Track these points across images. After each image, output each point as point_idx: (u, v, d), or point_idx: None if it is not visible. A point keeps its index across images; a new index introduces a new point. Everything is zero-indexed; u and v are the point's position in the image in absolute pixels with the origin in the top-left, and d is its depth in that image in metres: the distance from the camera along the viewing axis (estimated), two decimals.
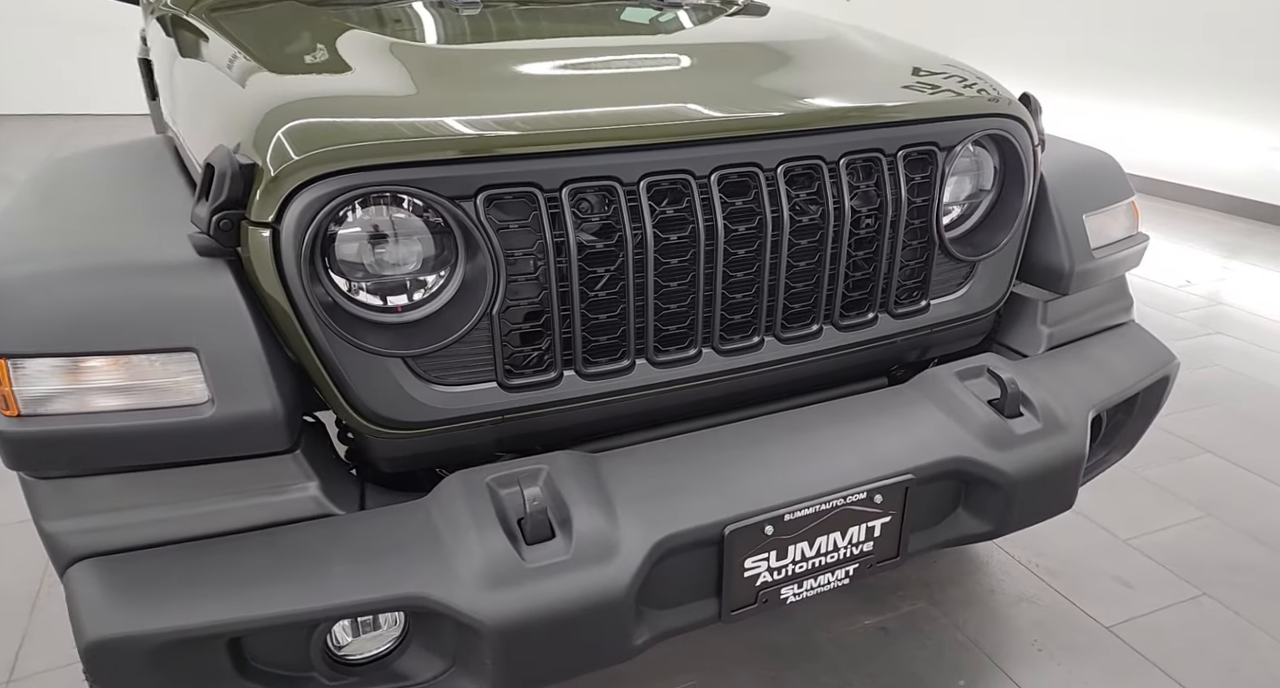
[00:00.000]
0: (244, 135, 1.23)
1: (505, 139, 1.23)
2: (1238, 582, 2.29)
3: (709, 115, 1.34)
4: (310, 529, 1.19)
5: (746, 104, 1.39)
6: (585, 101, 1.33)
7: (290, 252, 1.15)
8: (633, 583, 1.18)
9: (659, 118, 1.32)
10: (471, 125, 1.23)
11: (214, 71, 1.54)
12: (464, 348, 1.30)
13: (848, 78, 1.55)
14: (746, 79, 1.50)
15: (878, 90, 1.50)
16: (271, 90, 1.33)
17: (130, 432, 1.12)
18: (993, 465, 1.40)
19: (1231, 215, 5.53)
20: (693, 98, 1.39)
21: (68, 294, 1.11)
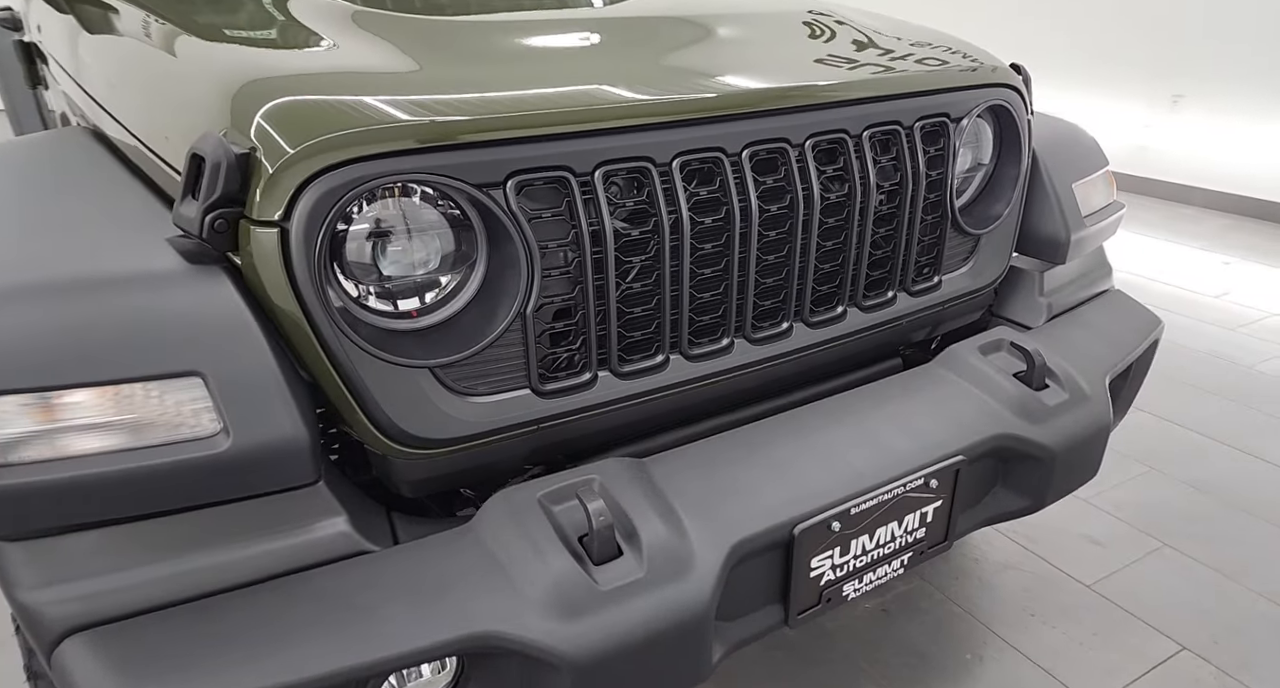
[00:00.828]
0: (228, 119, 1.04)
1: (540, 117, 1.08)
2: (1192, 531, 2.36)
3: (743, 87, 1.23)
4: (349, 571, 1.01)
5: (776, 76, 1.28)
6: (611, 76, 1.20)
7: (302, 253, 0.98)
8: (713, 597, 1.07)
9: (694, 91, 1.20)
10: (501, 103, 1.08)
11: (161, 47, 1.32)
12: (494, 353, 1.15)
13: (863, 50, 1.47)
14: (773, 50, 1.40)
15: (893, 62, 1.43)
16: (258, 65, 1.14)
17: (128, 476, 0.92)
18: (1034, 440, 1.35)
19: None
20: (722, 70, 1.27)
21: (35, 315, 0.90)
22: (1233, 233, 4.94)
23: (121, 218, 1.12)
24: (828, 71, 1.34)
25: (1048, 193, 1.64)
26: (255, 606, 0.96)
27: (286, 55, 1.19)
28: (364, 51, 1.22)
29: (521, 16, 1.48)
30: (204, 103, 1.10)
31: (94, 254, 1.00)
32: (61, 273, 0.94)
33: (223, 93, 1.08)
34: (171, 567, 0.96)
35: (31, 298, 0.91)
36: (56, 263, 0.97)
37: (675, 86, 1.20)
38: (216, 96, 1.09)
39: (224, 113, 1.06)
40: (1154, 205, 5.50)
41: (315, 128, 0.98)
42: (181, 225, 0.99)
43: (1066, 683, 1.85)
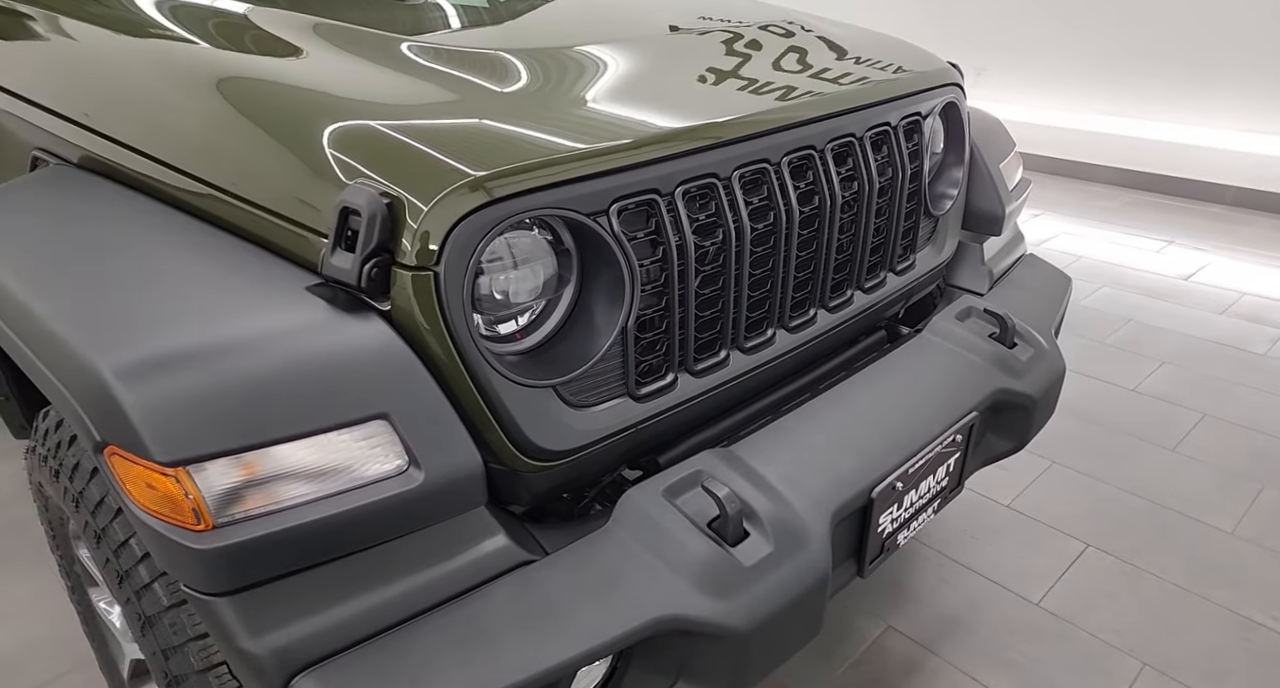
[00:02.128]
0: (355, 164, 1.04)
1: (637, 146, 1.14)
2: (1066, 447, 2.73)
3: (784, 105, 1.34)
4: (524, 580, 1.06)
5: (802, 93, 1.39)
6: (678, 100, 1.27)
7: (452, 293, 1.00)
8: (829, 559, 1.19)
9: (747, 110, 1.29)
10: (604, 135, 1.13)
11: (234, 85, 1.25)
12: (600, 366, 1.21)
13: (852, 62, 1.60)
14: (788, 71, 1.51)
15: (879, 71, 1.57)
16: (368, 112, 1.12)
17: (333, 520, 0.93)
18: (1023, 391, 1.55)
19: None
20: (760, 91, 1.37)
21: (227, 377, 0.88)
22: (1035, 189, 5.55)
23: (231, 268, 1.08)
24: (840, 85, 1.46)
25: (983, 174, 1.85)
26: (456, 621, 1.00)
27: (386, 97, 1.18)
28: (448, 91, 1.22)
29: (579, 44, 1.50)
30: (306, 148, 1.08)
31: (241, 311, 0.98)
32: (235, 331, 0.92)
33: (334, 140, 1.07)
34: (373, 598, 0.98)
35: (218, 357, 0.89)
36: (216, 321, 0.94)
37: (736, 108, 1.29)
38: (324, 143, 1.08)
39: (342, 160, 1.05)
40: None
41: (456, 173, 1.00)
42: (334, 276, 0.99)
43: (1012, 589, 2.13)
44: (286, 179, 1.10)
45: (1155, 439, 2.79)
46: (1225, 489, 2.53)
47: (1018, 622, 2.04)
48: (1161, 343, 3.44)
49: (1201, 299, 3.84)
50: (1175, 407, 2.99)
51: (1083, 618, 2.05)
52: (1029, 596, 2.12)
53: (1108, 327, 3.57)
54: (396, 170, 1.02)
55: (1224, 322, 3.62)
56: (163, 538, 0.88)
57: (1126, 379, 3.16)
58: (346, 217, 0.98)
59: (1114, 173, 5.40)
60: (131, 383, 0.86)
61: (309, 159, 1.08)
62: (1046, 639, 1.99)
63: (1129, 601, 2.11)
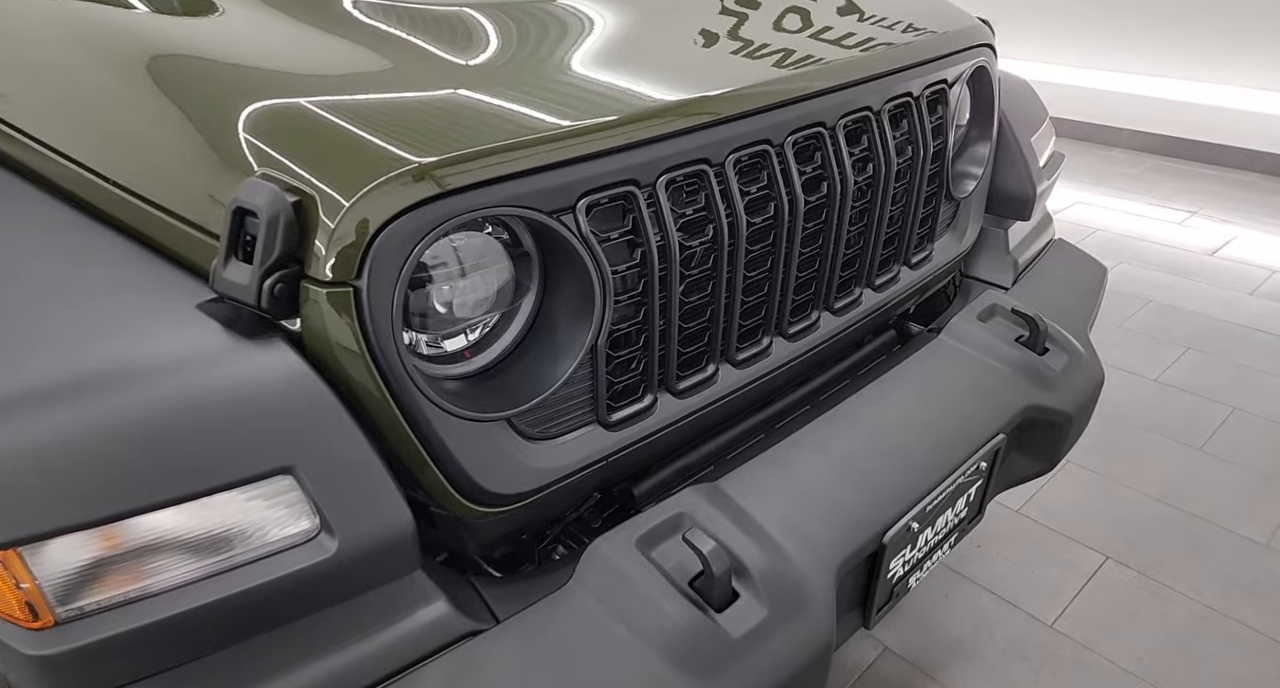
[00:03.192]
0: (255, 156, 0.86)
1: (609, 127, 0.96)
2: (1084, 445, 2.60)
3: (786, 75, 1.15)
4: (468, 658, 0.90)
5: (809, 61, 1.21)
6: (659, 71, 1.08)
7: (379, 311, 0.83)
8: (833, 622, 1.04)
9: (743, 82, 1.11)
10: (570, 116, 0.95)
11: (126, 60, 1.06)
12: (563, 391, 1.04)
13: (873, 23, 1.41)
14: (795, 33, 1.32)
15: (894, 33, 1.39)
16: (277, 87, 0.94)
17: (220, 605, 0.76)
18: (1055, 407, 1.40)
19: None
20: (761, 58, 1.18)
21: (79, 427, 0.71)
22: None
23: (108, 278, 0.90)
24: (853, 51, 1.28)
25: (1012, 149, 1.68)
26: None
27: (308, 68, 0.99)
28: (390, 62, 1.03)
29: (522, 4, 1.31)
30: (218, 135, 0.90)
31: (113, 334, 0.80)
32: (93, 366, 0.75)
33: (236, 124, 0.89)
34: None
35: (66, 402, 0.72)
36: (75, 351, 0.77)
37: (730, 79, 1.10)
38: (225, 126, 0.89)
39: (251, 151, 0.87)
40: None
41: (382, 166, 0.82)
42: (227, 292, 0.81)
43: (1023, 607, 2.01)
44: (178, 167, 0.92)
45: (1180, 437, 2.65)
46: (1258, 495, 2.40)
47: (1029, 645, 1.91)
48: (1185, 326, 3.30)
49: (1228, 277, 3.69)
50: (1201, 399, 2.85)
51: (1101, 642, 1.93)
52: (1042, 615, 1.99)
53: (1127, 308, 3.42)
54: (310, 159, 0.84)
55: (1253, 303, 3.48)
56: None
57: (1148, 368, 3.02)
58: (242, 219, 0.81)
59: (1135, 137, 5.21)
60: None
61: (204, 142, 0.90)
62: (1062, 666, 1.87)
63: (1153, 622, 1.98)
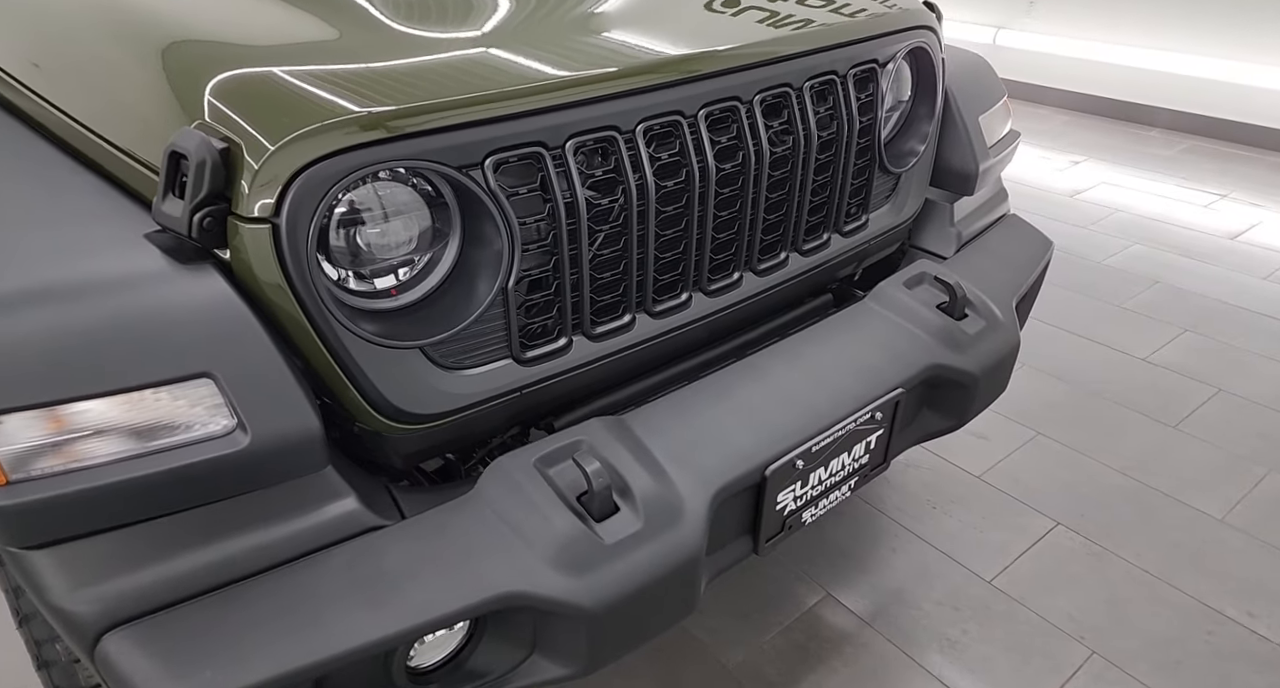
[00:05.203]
0: (197, 105, 1.01)
1: (514, 97, 1.09)
2: (1056, 417, 2.66)
3: (698, 52, 1.27)
4: (367, 546, 1.07)
5: (726, 37, 1.32)
6: (577, 43, 1.21)
7: (294, 247, 0.98)
8: (703, 539, 1.18)
9: (654, 58, 1.23)
10: (476, 85, 1.08)
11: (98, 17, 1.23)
12: (477, 327, 1.19)
13: (797, 3, 1.51)
14: (717, 11, 1.42)
15: (826, 12, 1.48)
16: (224, 49, 1.09)
17: (147, 480, 0.93)
18: (960, 368, 1.50)
19: None
20: (674, 35, 1.30)
21: (34, 325, 0.88)
22: (1077, 129, 5.31)
23: (80, 209, 1.07)
24: (772, 29, 1.38)
25: (958, 127, 1.76)
26: (285, 586, 1.01)
27: (251, 31, 1.14)
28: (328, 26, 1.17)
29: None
30: (168, 90, 1.05)
31: (72, 254, 0.97)
32: (51, 278, 0.91)
33: (180, 76, 1.04)
34: (196, 559, 0.99)
35: (25, 306, 0.88)
36: (35, 265, 0.94)
37: (638, 53, 1.22)
38: (172, 78, 1.05)
39: (186, 98, 1.02)
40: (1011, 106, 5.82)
41: (300, 119, 0.97)
42: (165, 223, 0.97)
43: (963, 563, 2.11)
44: (133, 113, 1.08)
45: (1156, 414, 2.70)
46: (1224, 473, 2.46)
47: (964, 598, 2.02)
48: (1188, 308, 3.31)
49: (1245, 261, 3.68)
50: (1187, 380, 2.89)
51: (1036, 599, 2.03)
52: (982, 572, 2.10)
53: (1130, 289, 3.44)
54: (242, 111, 0.99)
55: (1264, 287, 3.47)
56: None
57: (1138, 347, 3.06)
58: (177, 162, 0.96)
59: (1173, 116, 5.13)
60: None
61: (153, 92, 1.05)
62: (992, 619, 1.97)
63: (1090, 584, 2.07)
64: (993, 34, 5.72)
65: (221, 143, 0.96)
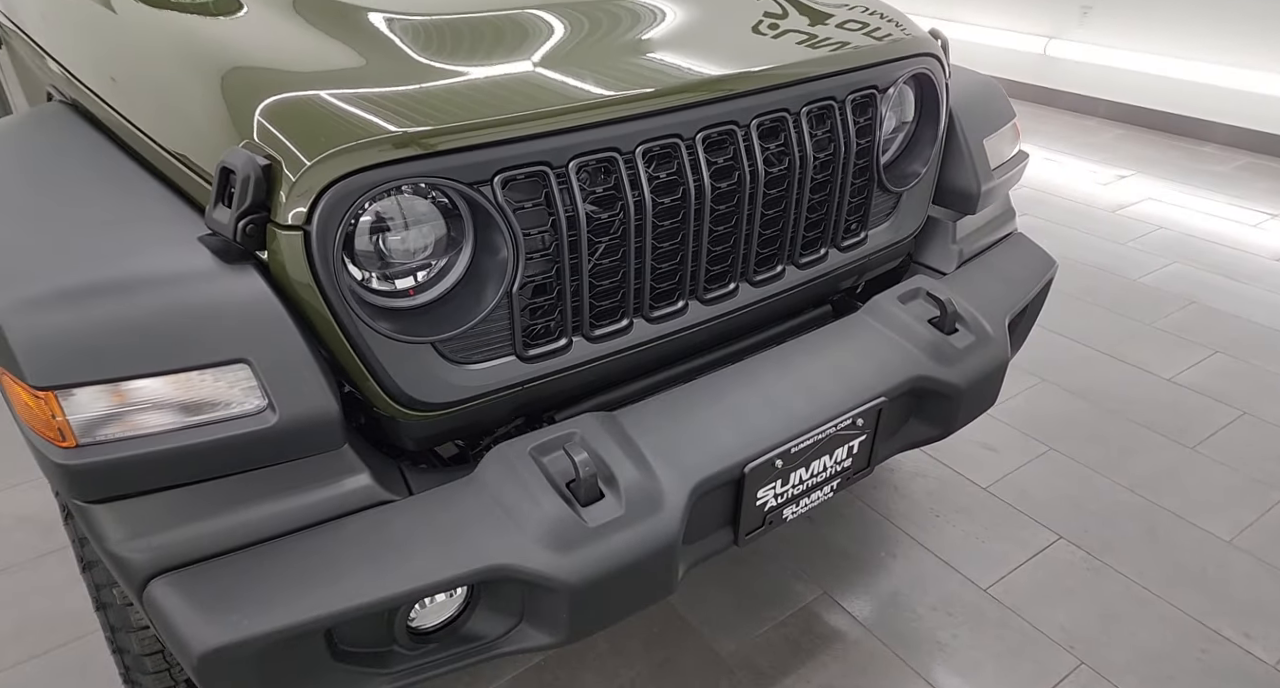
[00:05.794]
0: (247, 128, 1.18)
1: (521, 122, 1.24)
2: (1071, 434, 2.74)
3: (697, 79, 1.41)
4: (377, 517, 1.22)
5: (725, 64, 1.45)
6: (581, 74, 1.35)
7: (323, 251, 1.14)
8: (680, 528, 1.32)
9: (654, 85, 1.37)
10: (488, 111, 1.24)
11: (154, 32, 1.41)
12: (484, 327, 1.34)
13: (799, 30, 1.64)
14: (720, 37, 1.56)
15: (828, 42, 1.61)
16: (264, 71, 1.26)
17: (191, 448, 1.10)
18: (945, 380, 1.61)
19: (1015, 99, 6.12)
20: (676, 62, 1.44)
21: (102, 313, 1.06)
22: (1128, 143, 5.31)
23: (143, 213, 1.25)
24: (771, 56, 1.51)
25: (961, 149, 1.87)
26: (305, 548, 1.17)
27: (307, 65, 1.31)
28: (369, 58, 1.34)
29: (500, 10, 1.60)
30: (213, 108, 1.23)
31: (137, 252, 1.15)
32: (116, 272, 1.09)
33: (235, 103, 1.21)
34: (230, 520, 1.16)
35: (96, 296, 1.06)
36: (106, 262, 1.12)
37: (639, 80, 1.36)
38: (228, 104, 1.22)
39: (238, 123, 1.19)
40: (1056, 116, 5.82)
41: (331, 140, 1.13)
42: (215, 229, 1.14)
43: (960, 570, 2.21)
44: (194, 129, 1.25)
45: (1175, 435, 2.76)
46: (1239, 495, 2.51)
47: (959, 604, 2.13)
48: (1222, 330, 3.35)
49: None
50: (1213, 402, 2.93)
51: (1030, 609, 2.12)
52: (978, 580, 2.20)
53: (1163, 308, 3.48)
54: (280, 131, 1.15)
55: None
56: (38, 451, 1.07)
57: (1165, 367, 3.11)
58: (227, 176, 1.13)
59: (1230, 132, 5.10)
60: (18, 316, 1.04)
61: (213, 116, 1.23)
62: (985, 626, 2.07)
63: (1086, 598, 2.16)
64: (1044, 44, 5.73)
65: (265, 160, 1.13)
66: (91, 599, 1.46)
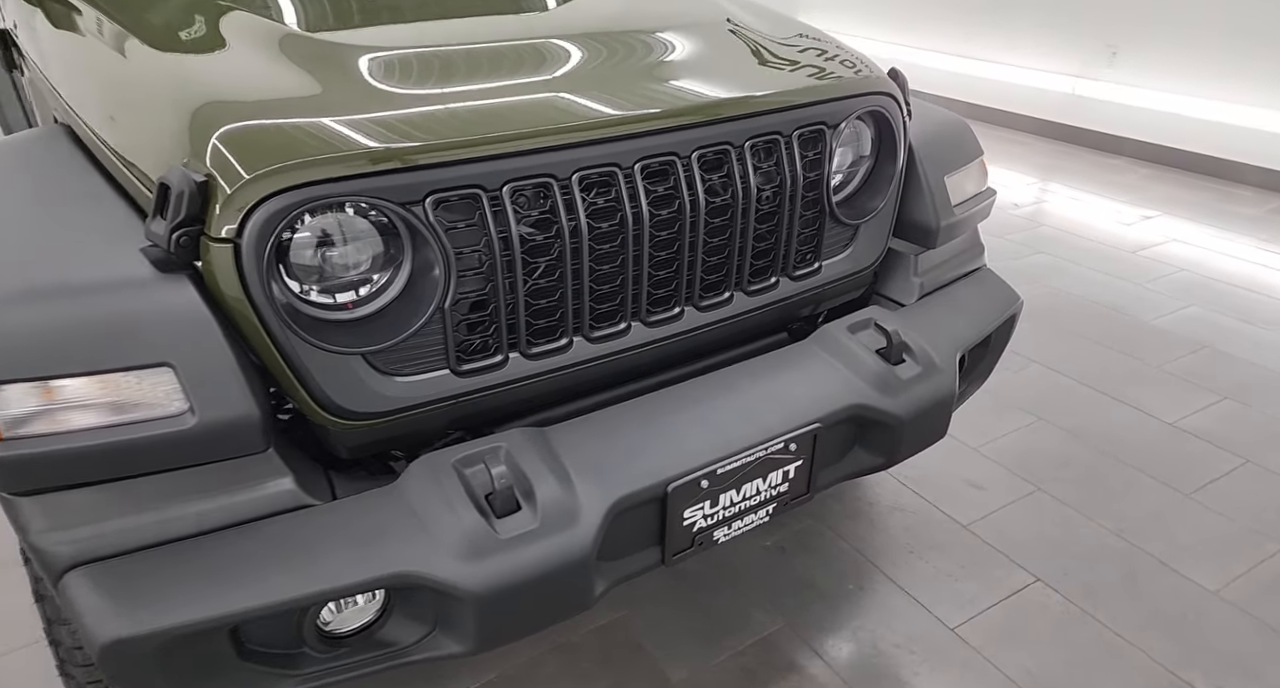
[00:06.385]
0: (185, 145, 1.27)
1: (450, 146, 1.32)
2: (1063, 476, 2.72)
3: (635, 112, 1.47)
4: (295, 520, 1.29)
5: (666, 98, 1.52)
6: (519, 104, 1.43)
7: (252, 263, 1.22)
8: (594, 543, 1.36)
9: (590, 116, 1.44)
10: (417, 136, 1.32)
11: (117, 57, 1.53)
12: (417, 340, 1.41)
13: (750, 66, 1.71)
14: (663, 71, 1.63)
15: (776, 78, 1.67)
16: (202, 91, 1.36)
17: (113, 447, 1.18)
18: (884, 410, 1.65)
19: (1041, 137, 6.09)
20: (616, 93, 1.51)
21: (32, 315, 1.14)
22: (1156, 184, 5.27)
23: (99, 225, 1.35)
24: (714, 91, 1.58)
25: (922, 185, 1.91)
26: (220, 547, 1.24)
27: (247, 88, 1.41)
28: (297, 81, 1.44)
29: (446, 36, 1.70)
30: (167, 129, 1.33)
31: (82, 261, 1.24)
32: (57, 278, 1.18)
33: (183, 125, 1.31)
34: (151, 516, 1.23)
35: (34, 300, 1.15)
36: (52, 268, 1.21)
37: (574, 111, 1.44)
38: (178, 126, 1.32)
39: (184, 143, 1.28)
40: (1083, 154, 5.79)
41: (261, 160, 1.22)
42: (153, 240, 1.23)
43: (929, 608, 2.21)
44: (154, 151, 1.35)
45: (1172, 480, 2.73)
46: (1232, 545, 2.48)
47: (923, 642, 2.13)
48: (1232, 375, 3.30)
49: None
50: (1215, 448, 2.90)
51: (996, 651, 2.11)
52: (946, 619, 2.19)
53: (1174, 351, 3.45)
54: (214, 156, 1.24)
55: None
56: None
57: (1168, 411, 3.08)
58: (165, 191, 1.22)
59: (1264, 175, 5.05)
60: None
61: (168, 137, 1.32)
62: (947, 666, 2.07)
63: (1056, 642, 2.14)
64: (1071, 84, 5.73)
65: (202, 177, 1.22)
66: (32, 592, 1.55)
